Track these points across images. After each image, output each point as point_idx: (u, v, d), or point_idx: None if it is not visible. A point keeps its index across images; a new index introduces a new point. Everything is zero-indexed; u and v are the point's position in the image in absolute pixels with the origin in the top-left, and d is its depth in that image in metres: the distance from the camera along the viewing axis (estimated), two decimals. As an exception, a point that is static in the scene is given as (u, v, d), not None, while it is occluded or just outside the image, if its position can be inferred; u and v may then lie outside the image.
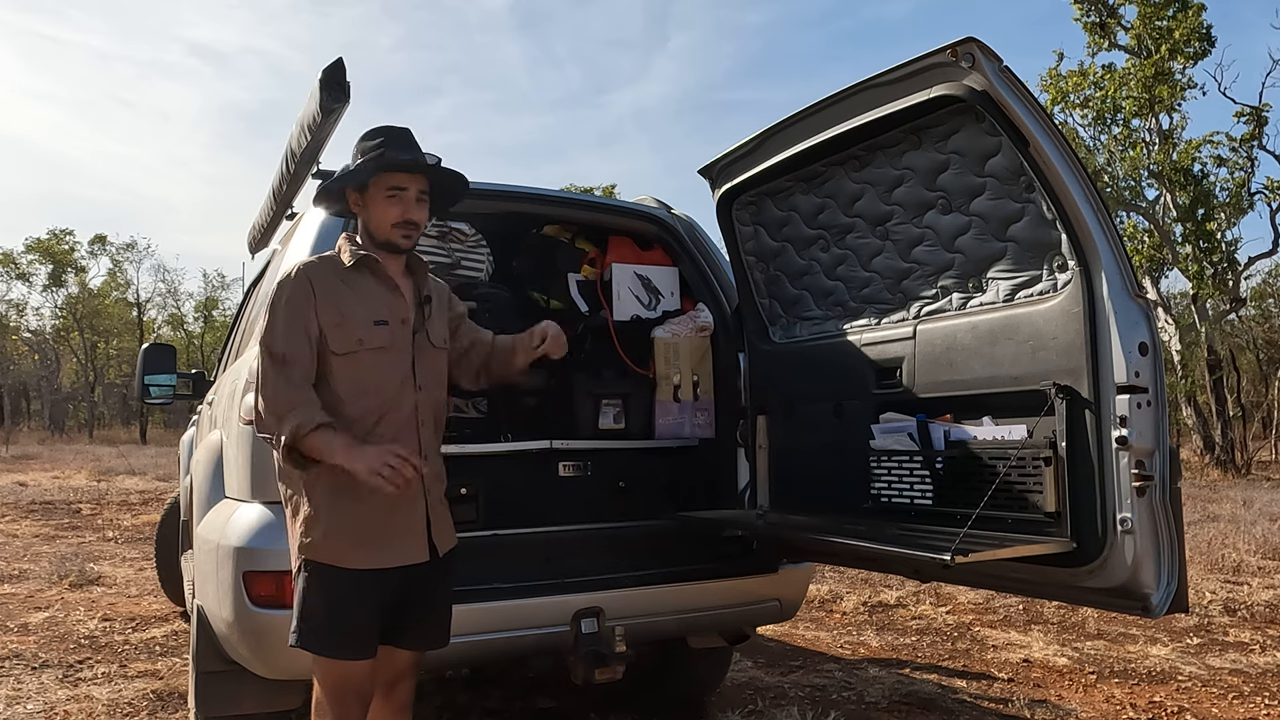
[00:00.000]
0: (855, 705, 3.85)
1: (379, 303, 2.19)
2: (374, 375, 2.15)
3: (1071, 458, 2.20)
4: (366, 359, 2.14)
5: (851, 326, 2.95)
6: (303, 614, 2.11)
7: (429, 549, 2.21)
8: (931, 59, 2.28)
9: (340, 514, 2.10)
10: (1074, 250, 2.20)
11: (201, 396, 4.71)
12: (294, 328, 2.11)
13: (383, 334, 2.17)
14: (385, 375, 2.17)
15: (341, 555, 2.10)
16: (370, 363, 2.15)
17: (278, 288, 2.17)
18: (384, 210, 2.19)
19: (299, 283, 2.14)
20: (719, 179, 3.21)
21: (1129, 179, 18.38)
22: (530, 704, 3.88)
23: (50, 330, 39.43)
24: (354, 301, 2.16)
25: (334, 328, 2.13)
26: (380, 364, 2.16)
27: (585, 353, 3.64)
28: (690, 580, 2.97)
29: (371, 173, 2.18)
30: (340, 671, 2.11)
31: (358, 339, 2.13)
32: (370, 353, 2.15)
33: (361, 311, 2.16)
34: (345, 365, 2.13)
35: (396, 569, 2.15)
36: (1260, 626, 5.26)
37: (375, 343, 2.15)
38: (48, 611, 5.49)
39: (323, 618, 2.09)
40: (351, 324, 2.14)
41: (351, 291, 2.17)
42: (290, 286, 2.14)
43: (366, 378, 2.15)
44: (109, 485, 13.56)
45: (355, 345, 2.13)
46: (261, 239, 4.30)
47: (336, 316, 2.13)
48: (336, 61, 2.73)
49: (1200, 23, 17.16)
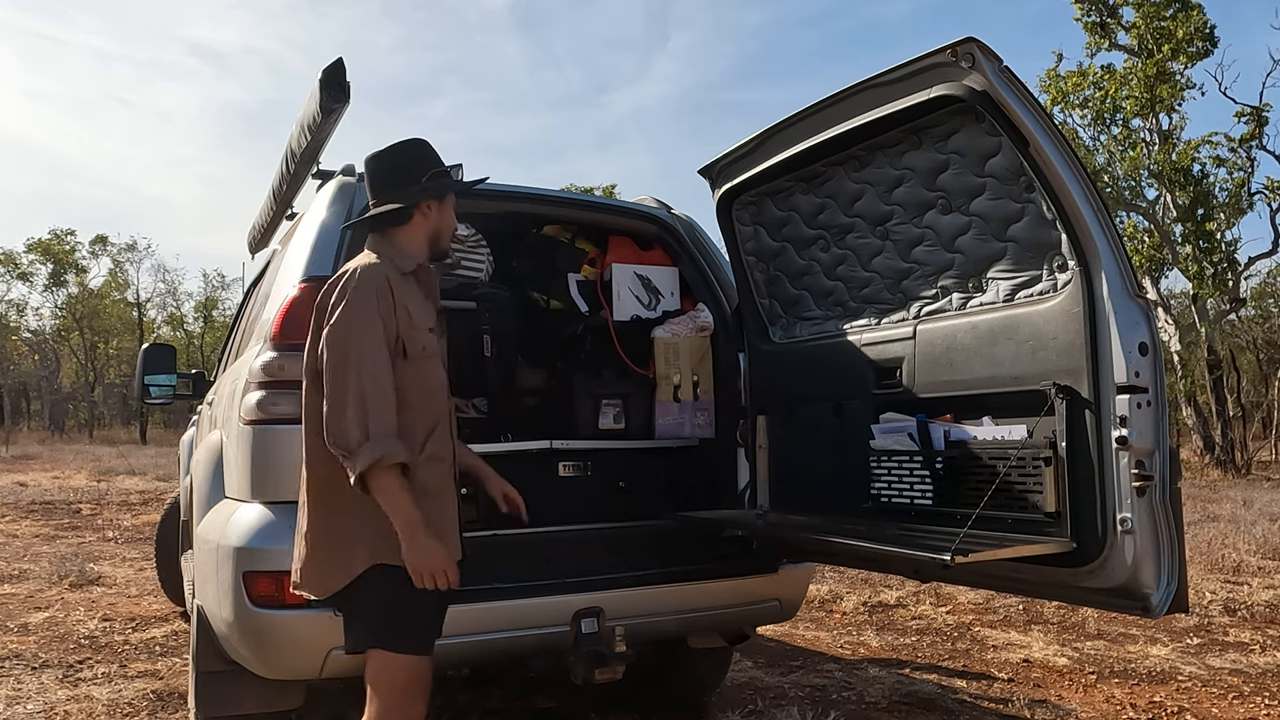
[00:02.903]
0: (855, 705, 3.85)
1: (427, 311, 2.26)
2: (430, 381, 2.20)
3: (1071, 458, 2.20)
4: (426, 366, 2.19)
5: (851, 326, 2.95)
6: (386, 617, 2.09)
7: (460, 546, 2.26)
8: (931, 59, 2.28)
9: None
10: (1074, 250, 2.20)
11: (201, 396, 4.71)
12: (381, 330, 2.08)
13: (435, 341, 2.23)
14: (437, 382, 2.22)
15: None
16: (428, 370, 2.20)
17: (359, 285, 2.09)
18: (451, 220, 2.31)
19: (383, 282, 2.11)
20: (719, 179, 3.21)
21: (1129, 179, 18.39)
22: (530, 704, 3.88)
23: (50, 330, 39.44)
24: (415, 307, 2.20)
25: (407, 332, 2.14)
26: (434, 371, 2.21)
27: (585, 353, 3.64)
28: (690, 580, 2.97)
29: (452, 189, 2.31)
30: (412, 668, 2.12)
31: (422, 345, 2.17)
32: (427, 360, 2.19)
33: (421, 319, 2.20)
34: (413, 370, 2.15)
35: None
36: (1260, 626, 5.26)
37: (432, 350, 2.21)
38: (48, 611, 5.49)
39: (399, 616, 2.10)
40: (419, 329, 2.17)
41: (412, 297, 2.21)
42: (375, 285, 2.10)
43: (424, 384, 2.18)
44: (109, 485, 13.56)
45: (419, 351, 2.16)
46: (261, 239, 4.30)
47: (408, 320, 2.15)
48: (336, 62, 2.73)
49: (1203, 22, 17.17)
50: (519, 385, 3.71)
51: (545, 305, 3.79)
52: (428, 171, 2.26)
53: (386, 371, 2.06)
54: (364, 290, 2.08)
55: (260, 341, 2.68)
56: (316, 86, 2.79)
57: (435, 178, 2.27)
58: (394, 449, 2.01)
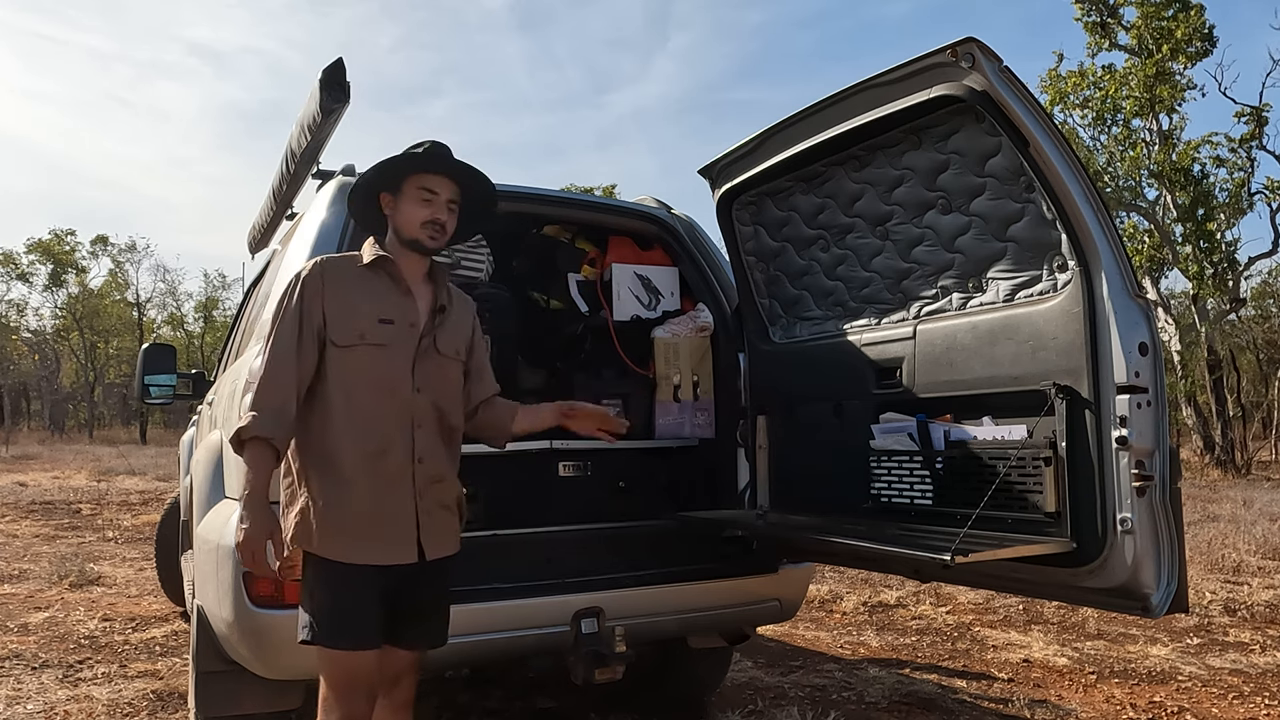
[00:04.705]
0: (855, 705, 3.85)
1: (388, 303, 2.24)
2: (371, 372, 2.19)
3: (1071, 458, 2.20)
4: (365, 354, 2.19)
5: (851, 326, 2.95)
6: (308, 609, 2.14)
7: (417, 552, 2.20)
8: (931, 59, 2.28)
9: (332, 507, 2.14)
10: (1074, 250, 2.20)
11: (201, 396, 4.71)
12: (298, 317, 2.18)
13: (386, 332, 2.21)
14: (382, 373, 2.20)
15: (330, 549, 2.12)
16: (368, 359, 2.19)
17: (293, 278, 2.24)
18: (415, 210, 2.26)
19: (312, 274, 2.23)
20: (719, 179, 3.21)
21: (1129, 179, 18.39)
22: (530, 704, 3.88)
23: (50, 330, 39.44)
24: (363, 298, 2.22)
25: (338, 319, 2.19)
26: (378, 361, 2.20)
27: (585, 353, 3.64)
28: (690, 580, 2.97)
29: (406, 171, 2.27)
30: (346, 664, 2.11)
31: (359, 333, 2.19)
32: (369, 348, 2.19)
33: (368, 308, 2.22)
34: (344, 358, 2.18)
35: (390, 566, 2.16)
36: (1260, 626, 5.26)
37: (376, 339, 2.20)
38: (48, 611, 5.49)
39: (325, 610, 2.11)
40: (355, 318, 2.20)
41: (363, 288, 2.24)
42: (303, 277, 2.22)
43: (363, 373, 2.19)
44: (109, 485, 13.56)
45: (356, 339, 2.18)
46: (261, 239, 4.31)
47: (343, 309, 2.20)
48: (336, 62, 2.73)
49: (1203, 22, 17.17)
50: (519, 385, 3.70)
51: (545, 305, 3.79)
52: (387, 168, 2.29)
53: (287, 356, 2.15)
54: (293, 281, 2.23)
55: (260, 341, 2.68)
56: (316, 87, 2.79)
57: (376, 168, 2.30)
58: (261, 423, 2.08)
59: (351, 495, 2.14)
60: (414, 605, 2.23)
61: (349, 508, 2.14)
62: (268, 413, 2.10)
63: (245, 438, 2.09)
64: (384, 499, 2.17)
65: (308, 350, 2.17)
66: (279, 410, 2.12)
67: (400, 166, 2.27)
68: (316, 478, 2.16)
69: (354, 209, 2.39)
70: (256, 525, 2.06)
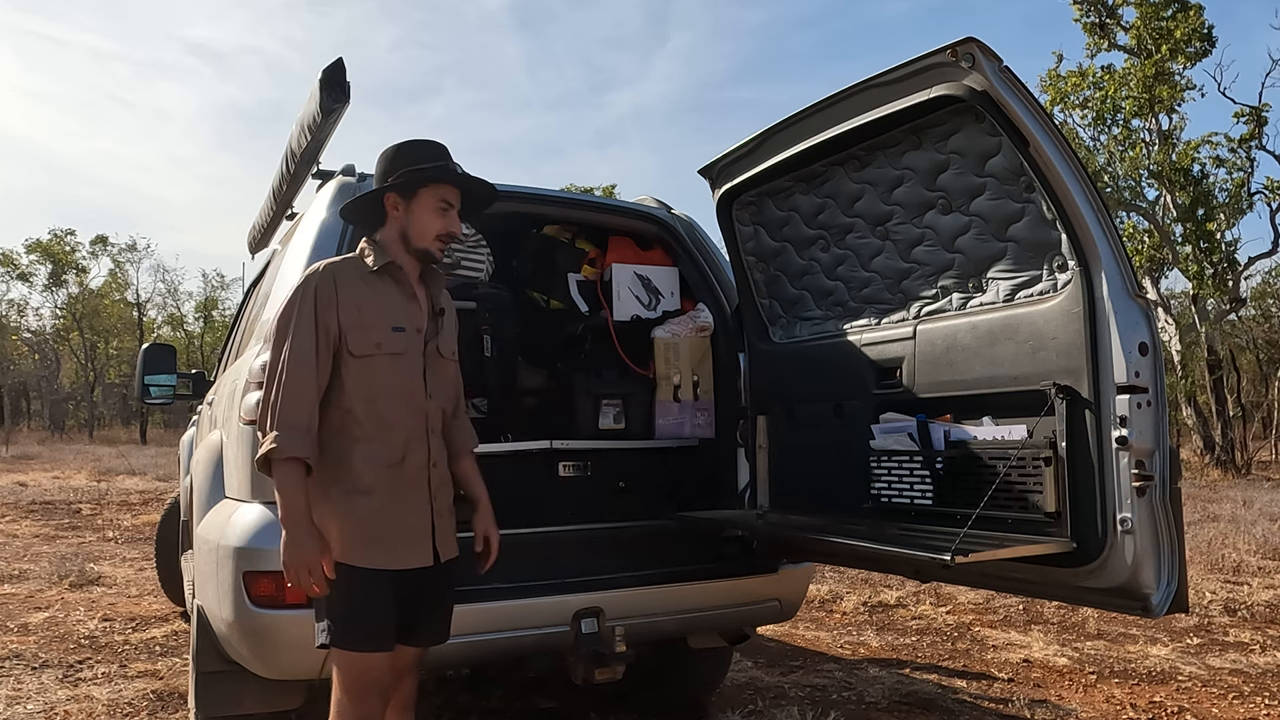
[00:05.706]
0: (855, 705, 3.85)
1: (399, 309, 2.22)
2: (388, 381, 2.18)
3: (1071, 458, 2.20)
4: (382, 364, 2.17)
5: (851, 326, 2.95)
6: (327, 613, 2.13)
7: (433, 554, 2.22)
8: (931, 59, 2.28)
9: (352, 515, 2.13)
10: (1074, 250, 2.20)
11: (201, 396, 4.71)
12: (314, 326, 2.12)
13: (399, 340, 2.19)
14: (399, 381, 2.19)
15: (350, 555, 2.11)
16: (386, 368, 2.17)
17: (302, 283, 2.16)
18: (431, 220, 2.23)
19: (324, 280, 2.16)
20: (719, 179, 3.21)
21: (1129, 179, 18.38)
22: (530, 704, 3.88)
23: (50, 330, 39.41)
24: (375, 304, 2.19)
25: (354, 329, 2.15)
26: (395, 370, 2.18)
27: (585, 353, 3.64)
28: (690, 580, 2.97)
29: (427, 181, 2.22)
30: (363, 666, 2.12)
31: (376, 342, 2.16)
32: (386, 358, 2.17)
33: (382, 316, 2.18)
34: (361, 368, 2.15)
35: (408, 570, 2.17)
36: (1260, 626, 5.26)
37: (392, 348, 2.18)
38: (48, 611, 5.49)
39: (344, 614, 2.11)
40: (371, 327, 2.16)
41: (373, 294, 2.20)
42: (315, 282, 2.15)
43: (381, 383, 2.17)
44: (109, 485, 13.56)
45: (373, 349, 2.15)
46: (261, 239, 4.30)
47: (358, 318, 2.15)
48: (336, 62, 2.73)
49: (1202, 23, 17.17)
50: (519, 385, 3.70)
51: (545, 305, 3.79)
52: (402, 169, 2.22)
53: (309, 367, 2.09)
54: (304, 287, 2.15)
55: (260, 341, 2.68)
56: (316, 87, 2.79)
57: (401, 175, 2.22)
58: (292, 442, 2.04)
59: (371, 502, 2.13)
60: (425, 606, 2.24)
61: (368, 514, 2.13)
62: (297, 431, 2.05)
63: (277, 459, 2.04)
64: (403, 504, 2.17)
65: (324, 361, 2.13)
66: (306, 427, 2.07)
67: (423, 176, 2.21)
68: (334, 485, 2.14)
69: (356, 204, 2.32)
70: (309, 548, 2.04)
